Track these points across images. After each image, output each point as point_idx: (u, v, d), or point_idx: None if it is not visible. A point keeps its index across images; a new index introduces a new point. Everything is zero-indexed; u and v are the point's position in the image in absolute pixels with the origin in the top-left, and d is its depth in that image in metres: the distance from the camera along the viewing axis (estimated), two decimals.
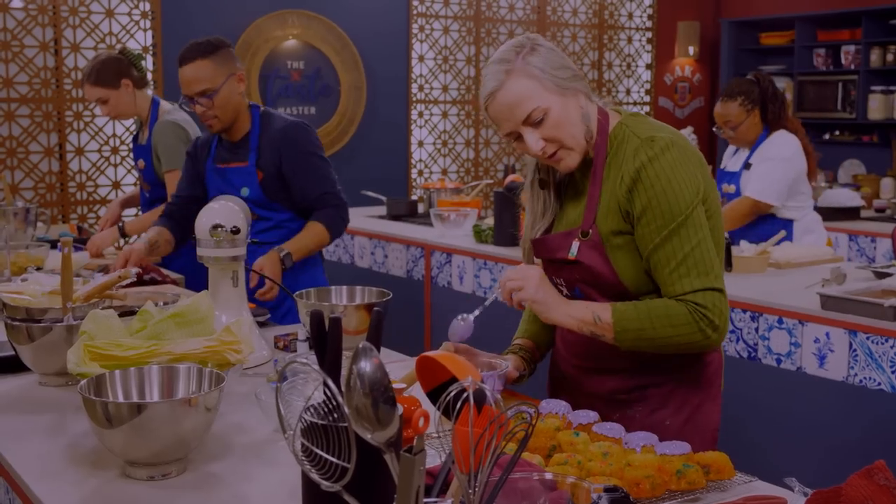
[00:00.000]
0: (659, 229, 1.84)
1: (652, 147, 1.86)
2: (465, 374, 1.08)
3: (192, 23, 6.51)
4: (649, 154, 1.86)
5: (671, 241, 1.84)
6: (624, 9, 8.71)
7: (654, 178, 1.84)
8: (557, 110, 1.88)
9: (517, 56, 1.88)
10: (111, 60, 3.98)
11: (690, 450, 1.63)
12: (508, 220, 4.36)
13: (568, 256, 1.95)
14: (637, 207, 1.86)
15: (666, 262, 1.85)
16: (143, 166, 4.03)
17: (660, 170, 1.84)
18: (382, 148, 7.42)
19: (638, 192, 1.85)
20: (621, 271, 1.91)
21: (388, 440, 1.02)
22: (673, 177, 1.84)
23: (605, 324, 1.87)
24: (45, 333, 2.07)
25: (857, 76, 7.52)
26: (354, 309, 2.27)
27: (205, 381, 1.72)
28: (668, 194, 1.83)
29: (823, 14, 7.58)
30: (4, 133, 6.02)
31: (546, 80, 1.87)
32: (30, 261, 3.20)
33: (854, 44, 7.54)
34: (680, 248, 1.84)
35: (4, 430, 1.85)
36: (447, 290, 4.69)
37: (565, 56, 1.93)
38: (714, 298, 1.84)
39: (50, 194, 6.22)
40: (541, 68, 1.87)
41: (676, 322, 1.83)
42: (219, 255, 2.29)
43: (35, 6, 6.01)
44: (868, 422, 2.92)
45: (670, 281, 1.86)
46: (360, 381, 1.00)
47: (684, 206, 1.84)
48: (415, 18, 7.57)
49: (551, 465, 1.58)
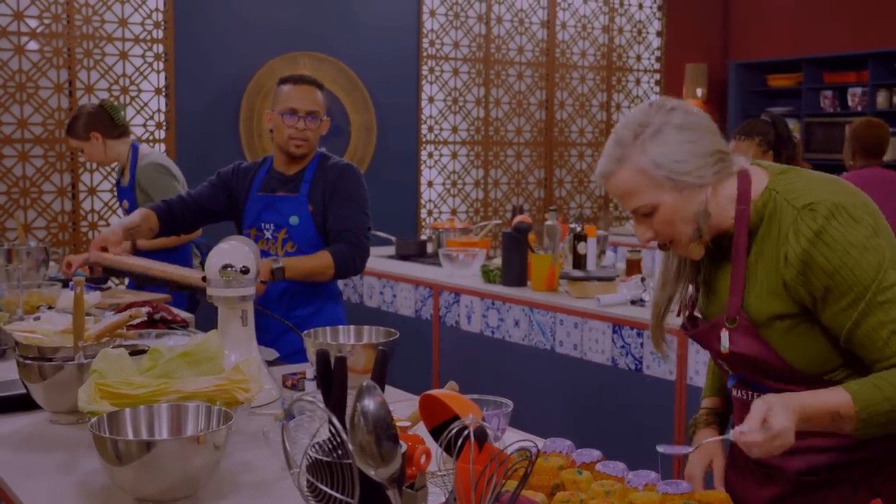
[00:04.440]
0: (854, 304, 1.64)
1: (815, 218, 1.66)
2: (467, 412, 1.11)
3: (206, 64, 6.61)
4: (814, 229, 1.65)
5: (873, 314, 1.63)
6: (632, 51, 8.79)
7: (828, 253, 1.64)
8: (668, 208, 1.72)
9: (635, 141, 1.70)
10: (83, 115, 4.32)
11: (691, 489, 1.65)
12: (516, 260, 4.40)
13: (721, 350, 1.78)
14: (818, 289, 1.66)
15: (876, 335, 1.64)
16: (126, 206, 4.33)
17: (832, 242, 1.64)
18: (392, 188, 7.47)
19: (814, 273, 1.65)
20: (790, 355, 1.73)
21: (390, 476, 1.04)
22: (850, 245, 1.64)
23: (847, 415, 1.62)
24: (57, 372, 2.10)
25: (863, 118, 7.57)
26: (361, 348, 2.29)
27: (213, 419, 1.74)
28: (849, 267, 1.63)
29: (830, 56, 7.64)
30: (18, 173, 6.10)
31: (659, 176, 1.69)
32: (42, 300, 3.24)
33: (861, 86, 7.59)
34: (886, 316, 1.63)
35: (16, 468, 1.87)
36: (455, 329, 4.71)
37: (702, 133, 1.72)
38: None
39: (62, 233, 6.27)
40: (657, 162, 1.69)
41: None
42: (228, 294, 2.32)
43: (50, 48, 6.11)
44: None
45: (890, 352, 1.63)
46: (364, 418, 1.03)
47: (873, 272, 1.63)
48: (425, 60, 7.66)
49: (554, 503, 1.60)
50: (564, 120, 8.44)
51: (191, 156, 6.50)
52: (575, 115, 8.50)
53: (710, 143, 1.72)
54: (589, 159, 8.63)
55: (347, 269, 3.11)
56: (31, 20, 6.05)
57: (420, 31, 7.61)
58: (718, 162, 1.72)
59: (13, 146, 6.06)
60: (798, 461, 1.78)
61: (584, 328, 4.00)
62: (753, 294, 1.73)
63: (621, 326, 3.85)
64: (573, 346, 4.06)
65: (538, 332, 4.23)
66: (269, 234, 3.12)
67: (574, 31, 8.41)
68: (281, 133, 3.12)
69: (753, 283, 1.73)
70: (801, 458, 1.77)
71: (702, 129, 1.72)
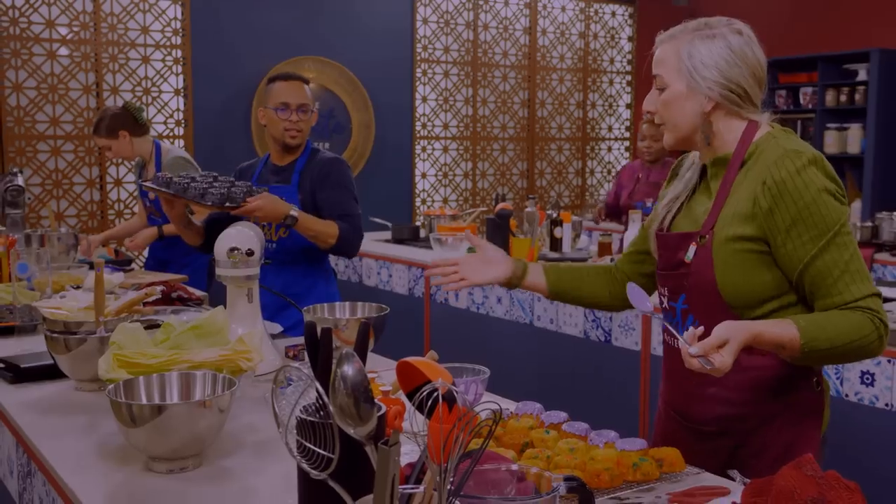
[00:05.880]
0: (814, 240, 1.66)
1: (799, 158, 1.68)
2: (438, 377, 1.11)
3: (220, 67, 6.59)
4: (797, 165, 1.67)
5: (829, 251, 1.66)
6: (606, 55, 8.78)
7: (802, 188, 1.66)
8: (674, 93, 1.76)
9: (692, 32, 1.75)
10: (111, 116, 4.29)
11: (646, 446, 1.66)
12: (499, 243, 4.39)
13: (685, 259, 1.78)
14: (786, 220, 1.67)
15: (828, 272, 1.66)
16: (153, 197, 4.29)
17: (809, 181, 1.66)
18: (389, 179, 7.47)
19: (786, 203, 1.66)
20: (724, 279, 1.73)
21: (368, 434, 1.05)
22: (823, 189, 1.66)
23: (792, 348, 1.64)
24: (80, 344, 2.10)
25: (814, 115, 7.56)
26: (354, 322, 2.30)
27: (219, 386, 1.75)
28: (819, 205, 1.65)
29: (784, 59, 7.63)
30: (51, 166, 6.09)
31: (685, 66, 1.74)
32: (70, 280, 3.24)
33: (811, 86, 7.58)
34: (840, 257, 1.66)
35: (43, 430, 1.88)
36: (444, 306, 4.73)
37: (742, 64, 1.73)
38: (879, 303, 1.68)
39: (91, 221, 6.27)
40: (690, 53, 1.74)
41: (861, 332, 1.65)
42: (235, 274, 2.33)
43: (79, 53, 6.08)
44: None
45: (836, 290, 1.66)
46: (343, 382, 1.03)
47: (836, 216, 1.66)
48: (418, 63, 7.64)
49: (523, 459, 1.61)
50: (545, 117, 8.43)
51: (207, 149, 6.50)
52: (554, 113, 8.48)
53: (740, 76, 1.74)
54: (567, 153, 8.63)
55: (346, 245, 3.02)
56: (62, 28, 6.03)
57: (414, 37, 7.58)
58: (733, 93, 1.74)
59: (46, 142, 6.05)
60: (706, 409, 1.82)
61: (559, 304, 4.01)
62: (725, 214, 1.74)
63: None
64: (549, 320, 4.07)
65: (518, 307, 4.24)
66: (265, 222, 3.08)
67: (553, 36, 8.39)
68: (276, 126, 3.10)
69: (729, 206, 1.74)
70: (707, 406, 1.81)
71: (745, 62, 1.74)
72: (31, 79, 5.95)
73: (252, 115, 6.78)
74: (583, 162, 8.73)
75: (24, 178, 4.65)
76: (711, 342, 1.55)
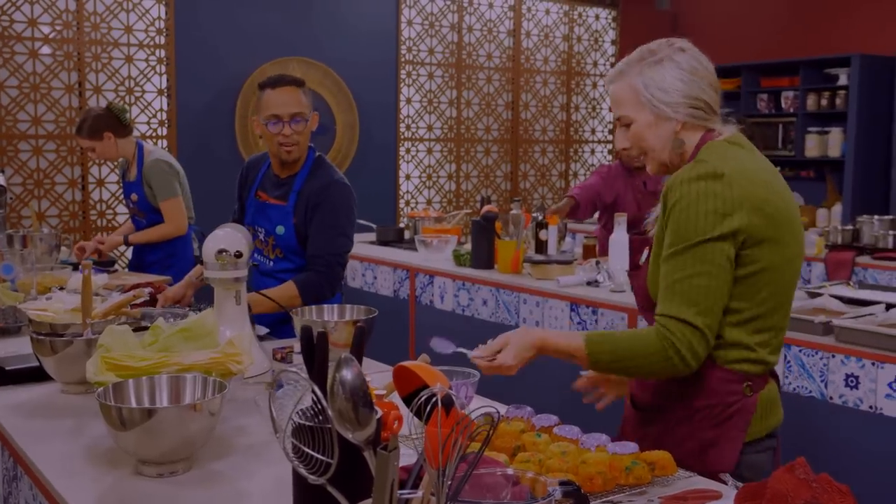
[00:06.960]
0: (669, 246, 1.73)
1: (695, 169, 1.72)
2: (436, 381, 1.11)
3: (204, 67, 6.56)
4: (690, 175, 1.72)
5: (672, 261, 1.71)
6: (589, 58, 8.80)
7: (679, 197, 1.71)
8: (641, 125, 1.81)
9: (638, 63, 1.80)
10: (94, 117, 4.30)
11: (638, 449, 1.67)
12: (484, 245, 4.40)
13: (639, 262, 1.88)
14: (667, 224, 1.75)
15: (663, 278, 1.74)
16: (136, 199, 4.36)
17: (690, 192, 1.70)
18: (373, 180, 7.45)
19: (668, 207, 1.74)
20: (652, 282, 1.81)
21: (366, 439, 1.04)
22: (701, 202, 1.69)
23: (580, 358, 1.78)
24: (67, 346, 2.08)
25: (795, 118, 7.61)
26: (343, 324, 2.30)
27: (209, 389, 1.73)
28: (688, 216, 1.69)
29: (766, 63, 7.68)
30: (33, 166, 6.03)
31: (644, 97, 1.79)
32: (54, 281, 3.22)
33: (793, 90, 7.63)
34: (677, 270, 1.70)
35: (29, 434, 1.86)
36: (429, 308, 4.72)
37: (696, 79, 1.79)
38: (685, 330, 1.69)
39: (73, 221, 6.22)
40: (646, 84, 1.78)
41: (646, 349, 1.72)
42: (223, 276, 2.31)
43: (62, 52, 6.03)
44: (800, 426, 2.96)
45: (659, 301, 1.75)
46: (342, 387, 1.03)
47: (698, 232, 1.68)
48: (403, 65, 7.63)
49: (515, 462, 1.61)
50: (529, 119, 8.44)
51: (190, 150, 6.47)
52: (538, 116, 8.50)
53: (699, 90, 1.80)
54: (550, 155, 8.64)
55: (314, 293, 2.80)
56: (45, 27, 5.98)
57: (399, 38, 7.58)
58: (697, 108, 1.80)
59: (28, 141, 6.00)
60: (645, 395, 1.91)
61: (544, 306, 4.02)
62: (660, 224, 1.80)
63: (578, 305, 3.86)
64: (535, 322, 4.07)
65: (504, 310, 4.24)
66: (262, 237, 2.98)
67: (537, 39, 8.40)
68: (270, 141, 2.86)
69: None
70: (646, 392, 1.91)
71: (698, 77, 1.80)
72: (12, 77, 5.90)
73: (236, 116, 6.75)
74: (566, 164, 8.75)
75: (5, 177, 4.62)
76: (492, 346, 1.79)
